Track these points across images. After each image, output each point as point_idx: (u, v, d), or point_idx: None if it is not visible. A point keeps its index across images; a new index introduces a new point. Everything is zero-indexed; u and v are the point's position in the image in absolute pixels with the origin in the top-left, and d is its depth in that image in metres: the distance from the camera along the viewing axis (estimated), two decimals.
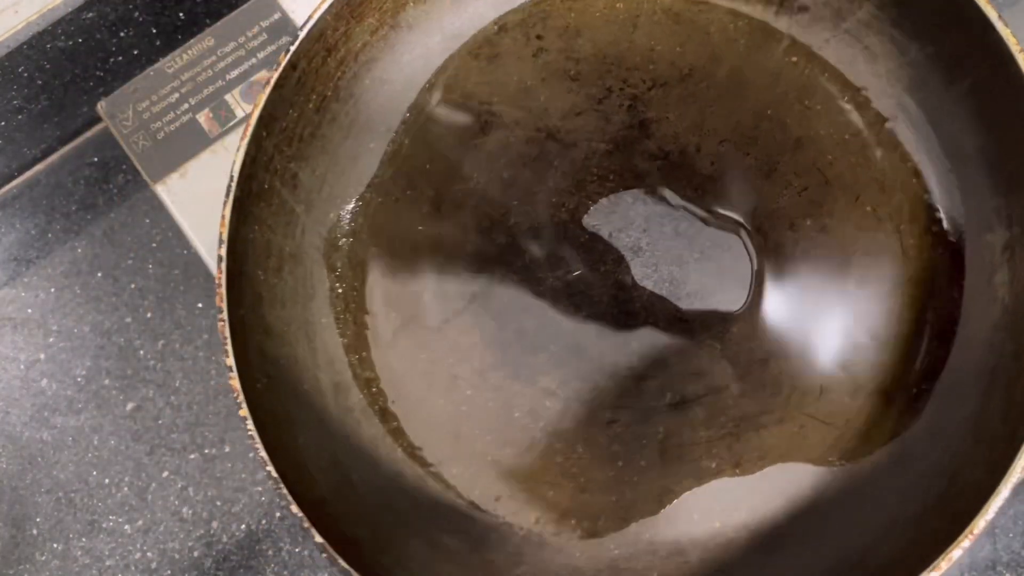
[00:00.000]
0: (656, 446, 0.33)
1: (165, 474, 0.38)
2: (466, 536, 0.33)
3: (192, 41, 0.40)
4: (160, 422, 0.39)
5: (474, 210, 0.36)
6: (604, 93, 0.36)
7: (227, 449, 0.39)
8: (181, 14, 0.43)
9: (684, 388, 0.33)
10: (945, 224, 0.33)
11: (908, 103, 0.33)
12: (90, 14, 0.39)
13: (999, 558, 0.34)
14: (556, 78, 0.36)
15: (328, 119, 0.34)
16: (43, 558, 0.36)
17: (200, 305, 0.41)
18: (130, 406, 0.39)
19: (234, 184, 0.31)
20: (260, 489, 0.38)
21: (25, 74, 0.39)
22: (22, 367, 0.38)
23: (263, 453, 0.29)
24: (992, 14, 0.28)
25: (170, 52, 0.40)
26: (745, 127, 0.35)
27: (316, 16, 0.32)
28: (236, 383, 0.30)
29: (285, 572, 0.37)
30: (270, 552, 0.37)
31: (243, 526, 0.38)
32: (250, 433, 0.29)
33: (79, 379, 0.39)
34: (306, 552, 0.37)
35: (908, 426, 0.31)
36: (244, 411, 0.29)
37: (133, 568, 0.36)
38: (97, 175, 0.42)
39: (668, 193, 0.35)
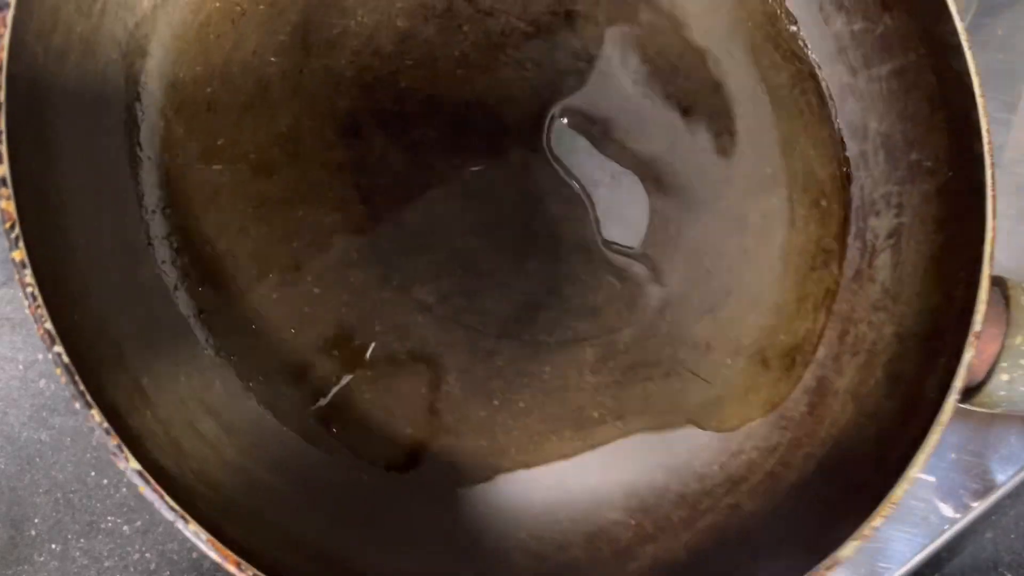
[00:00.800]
0: (539, 386, 0.29)
1: None
2: (292, 470, 0.25)
3: None
4: None
5: (354, 57, 0.28)
6: None
7: None
8: None
9: (577, 325, 0.29)
10: (831, 202, 0.33)
11: (820, 73, 0.33)
12: None
13: (1000, 559, 0.36)
14: None
15: None
16: (41, 559, 0.36)
17: None
18: None
19: None
20: None
21: None
22: (20, 367, 0.37)
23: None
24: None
25: None
26: (671, 55, 0.32)
27: None
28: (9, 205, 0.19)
29: None
30: None
31: None
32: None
33: None
34: None
35: (785, 394, 0.31)
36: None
37: (132, 569, 0.36)
38: None
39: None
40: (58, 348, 0.18)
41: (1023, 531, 0.37)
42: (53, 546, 0.35)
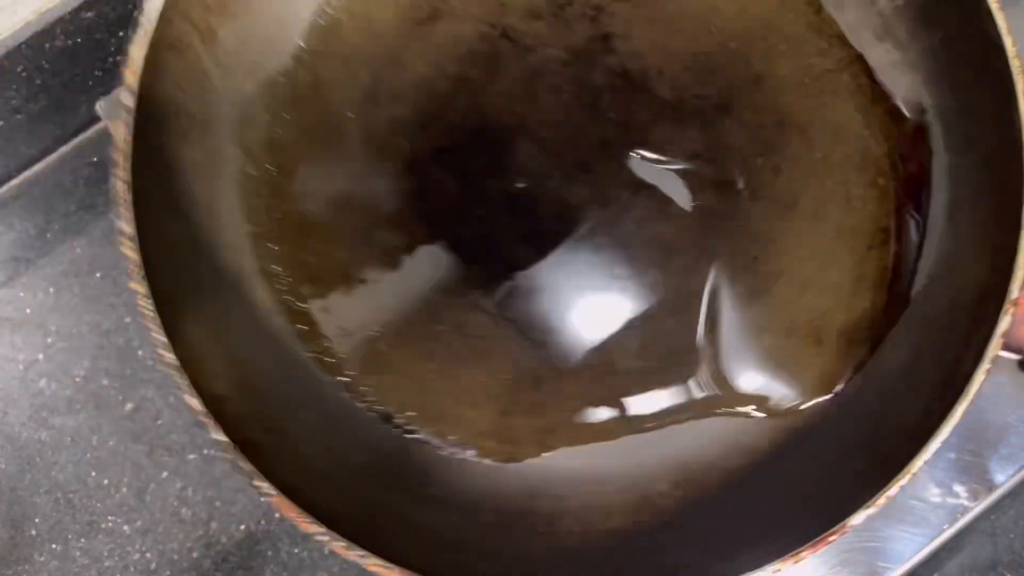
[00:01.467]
0: (587, 372, 0.32)
1: (164, 475, 0.38)
2: (376, 451, 0.31)
3: None
4: (159, 422, 0.39)
5: (414, 103, 0.34)
6: None
7: None
8: None
9: None
10: (887, 179, 0.33)
11: (870, 52, 0.34)
12: (89, 14, 0.39)
13: (1000, 559, 0.36)
14: None
15: None
16: (41, 559, 0.37)
17: None
18: (129, 406, 0.39)
19: (149, 26, 0.28)
20: None
21: (24, 74, 0.40)
22: (20, 367, 0.38)
23: (159, 335, 0.26)
24: None
25: None
26: (708, 56, 0.34)
27: None
28: (131, 252, 0.26)
29: (284, 573, 0.38)
30: (269, 553, 0.38)
31: (242, 527, 0.38)
32: (145, 310, 0.26)
33: (78, 379, 0.39)
34: (305, 553, 0.38)
35: (838, 371, 0.32)
36: (138, 284, 0.26)
37: (132, 569, 0.37)
38: (97, 175, 0.42)
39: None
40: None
41: (1023, 531, 0.35)
42: (53, 546, 0.36)
